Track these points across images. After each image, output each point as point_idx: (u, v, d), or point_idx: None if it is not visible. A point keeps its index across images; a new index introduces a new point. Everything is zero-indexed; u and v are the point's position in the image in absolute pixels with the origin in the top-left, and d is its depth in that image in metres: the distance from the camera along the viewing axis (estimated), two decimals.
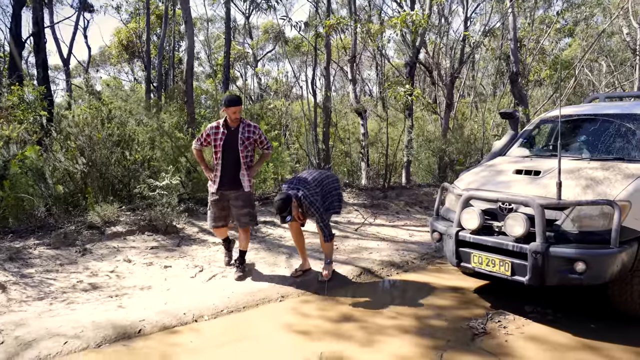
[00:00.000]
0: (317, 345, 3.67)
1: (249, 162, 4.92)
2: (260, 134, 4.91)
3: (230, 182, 4.88)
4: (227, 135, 4.83)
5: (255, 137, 4.89)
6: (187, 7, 9.81)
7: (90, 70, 26.81)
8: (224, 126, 4.85)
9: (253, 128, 4.88)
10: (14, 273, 4.89)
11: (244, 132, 4.82)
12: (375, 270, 5.40)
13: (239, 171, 4.86)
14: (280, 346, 3.68)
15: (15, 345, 3.51)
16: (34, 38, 11.71)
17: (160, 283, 4.87)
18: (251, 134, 4.86)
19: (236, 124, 4.86)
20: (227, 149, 4.83)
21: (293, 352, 3.58)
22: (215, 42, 29.67)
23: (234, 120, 4.83)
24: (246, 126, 4.86)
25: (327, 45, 11.00)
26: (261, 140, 4.94)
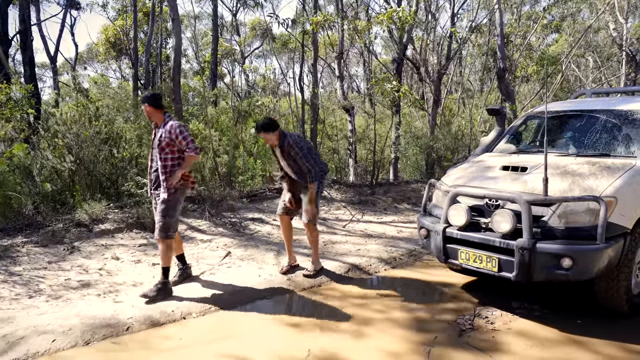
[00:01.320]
0: (306, 339, 3.70)
1: (170, 165, 4.41)
2: (177, 134, 4.35)
3: (155, 185, 4.59)
4: (155, 135, 4.53)
5: (172, 137, 4.35)
6: (174, 4, 9.73)
7: (78, 68, 26.49)
8: (154, 125, 4.59)
9: (169, 127, 4.38)
10: (2, 271, 4.86)
11: (161, 133, 4.40)
12: (363, 266, 5.44)
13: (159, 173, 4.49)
14: (269, 341, 3.70)
15: (3, 343, 3.50)
16: (21, 36, 11.57)
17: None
18: (167, 135, 4.36)
19: (159, 123, 4.50)
20: (154, 150, 4.51)
21: (283, 346, 3.61)
22: (202, 39, 29.51)
23: (150, 118, 4.57)
24: (164, 125, 4.43)
25: (314, 42, 11.02)
26: (179, 140, 4.36)
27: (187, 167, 4.46)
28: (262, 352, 3.52)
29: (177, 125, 4.40)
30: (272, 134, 4.85)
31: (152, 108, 4.44)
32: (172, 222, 4.44)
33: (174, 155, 4.42)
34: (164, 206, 4.41)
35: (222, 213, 7.39)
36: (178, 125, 4.41)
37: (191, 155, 4.41)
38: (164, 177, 4.40)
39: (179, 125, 4.41)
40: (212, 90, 15.70)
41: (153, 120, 4.54)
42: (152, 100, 4.46)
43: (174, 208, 4.45)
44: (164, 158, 4.41)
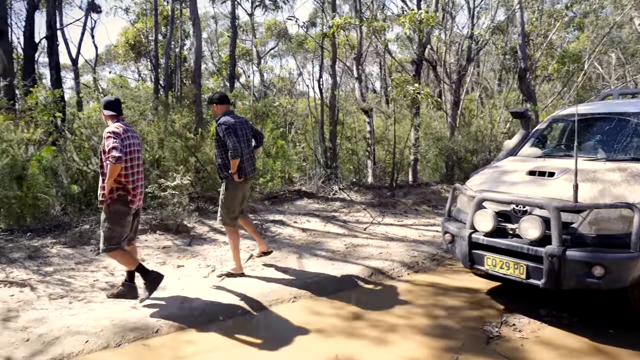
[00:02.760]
0: (330, 345, 3.72)
1: (105, 173, 4.07)
2: (105, 142, 4.01)
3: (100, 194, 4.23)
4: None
5: (103, 143, 4.06)
6: (194, 8, 9.85)
7: (98, 69, 26.87)
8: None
9: (104, 133, 4.09)
10: (34, 271, 4.98)
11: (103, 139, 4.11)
12: (386, 270, 5.45)
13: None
14: (294, 346, 3.73)
15: (40, 343, 3.59)
16: (48, 41, 11.82)
17: (174, 283, 4.93)
18: (103, 141, 4.09)
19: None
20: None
21: (307, 351, 3.63)
22: (218, 39, 29.68)
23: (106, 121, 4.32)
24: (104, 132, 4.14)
25: (334, 44, 11.03)
26: (105, 148, 4.01)
27: (110, 178, 4.00)
28: (289, 355, 3.55)
29: (109, 130, 4.06)
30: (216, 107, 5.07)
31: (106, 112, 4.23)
32: (112, 235, 4.15)
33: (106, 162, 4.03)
34: (103, 214, 4.18)
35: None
36: (110, 130, 4.05)
37: (109, 165, 3.95)
38: (102, 186, 4.11)
39: (110, 130, 4.05)
40: (230, 91, 15.80)
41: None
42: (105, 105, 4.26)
43: (112, 221, 4.14)
44: (101, 165, 4.11)
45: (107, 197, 4.09)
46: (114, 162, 3.90)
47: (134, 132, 4.36)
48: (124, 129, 4.12)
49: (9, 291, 4.51)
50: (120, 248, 4.23)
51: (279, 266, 5.49)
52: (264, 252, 5.51)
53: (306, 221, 7.58)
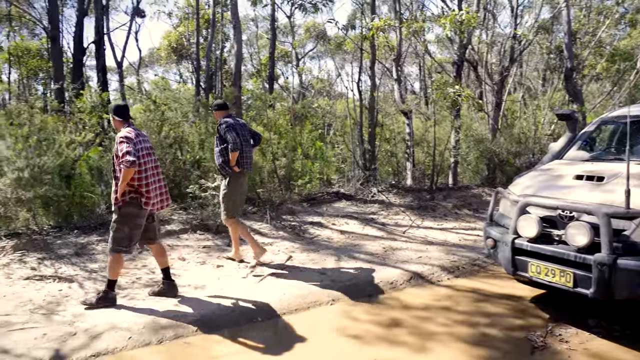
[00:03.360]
0: (368, 350, 3.68)
1: (119, 177, 4.14)
2: (118, 147, 4.08)
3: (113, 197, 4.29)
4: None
5: (117, 146, 4.11)
6: (235, 11, 9.98)
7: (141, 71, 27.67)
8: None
9: (117, 138, 4.15)
10: (81, 267, 5.16)
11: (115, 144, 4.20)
12: (425, 275, 5.36)
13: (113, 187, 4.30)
14: (332, 350, 3.71)
15: (86, 337, 3.71)
16: (95, 45, 12.27)
17: (213, 282, 5.00)
18: (115, 146, 4.16)
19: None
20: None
21: (344, 357, 3.61)
22: (258, 41, 30.04)
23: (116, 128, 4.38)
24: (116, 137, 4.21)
25: (373, 46, 10.96)
26: (118, 153, 4.08)
27: (123, 182, 4.07)
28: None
29: (121, 135, 4.11)
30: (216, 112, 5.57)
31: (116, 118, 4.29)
32: (121, 237, 4.21)
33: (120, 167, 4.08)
34: (115, 217, 4.24)
35: (282, 216, 7.50)
36: (122, 135, 4.10)
37: (125, 170, 3.99)
38: (115, 190, 4.20)
39: (123, 135, 4.10)
40: (270, 93, 15.97)
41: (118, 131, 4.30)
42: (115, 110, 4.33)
43: (122, 223, 4.21)
44: (115, 169, 4.20)
45: (120, 199, 4.15)
46: (129, 166, 3.95)
47: (145, 137, 4.40)
48: (135, 134, 4.18)
49: (57, 286, 4.68)
50: (124, 252, 4.31)
51: (317, 268, 5.49)
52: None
53: (344, 223, 7.56)
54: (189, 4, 20.34)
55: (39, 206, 6.07)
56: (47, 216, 6.26)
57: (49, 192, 5.93)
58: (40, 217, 6.07)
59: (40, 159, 5.76)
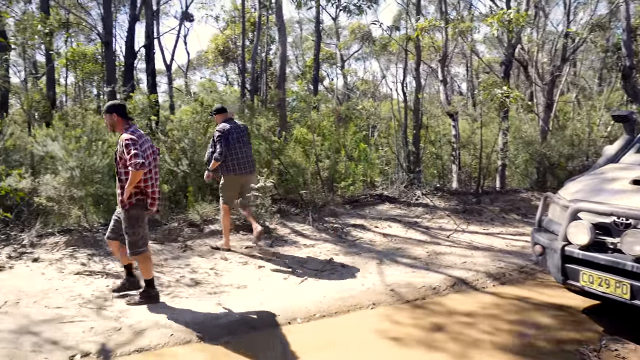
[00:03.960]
0: (409, 354, 3.60)
1: (124, 180, 4.17)
2: (124, 149, 4.07)
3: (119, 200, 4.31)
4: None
5: (123, 150, 4.09)
6: (280, 15, 10.08)
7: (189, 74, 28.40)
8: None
9: (121, 141, 4.12)
10: None
11: (117, 146, 4.20)
12: (470, 280, 5.21)
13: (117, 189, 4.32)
14: (373, 354, 3.65)
15: (130, 333, 3.81)
16: (146, 49, 12.70)
17: (255, 283, 5.03)
18: (119, 148, 4.15)
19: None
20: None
21: None
22: (303, 43, 30.22)
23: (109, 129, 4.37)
24: (121, 139, 4.17)
25: (418, 47, 10.80)
26: (125, 156, 4.08)
27: (131, 184, 4.10)
28: None
29: (127, 137, 4.10)
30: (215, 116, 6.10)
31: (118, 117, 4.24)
32: (137, 239, 4.24)
33: (126, 169, 4.12)
34: (126, 219, 4.23)
35: (324, 218, 7.49)
36: (127, 137, 4.10)
37: (132, 172, 4.02)
38: (120, 192, 4.22)
39: (128, 138, 4.09)
40: (314, 94, 16.03)
41: (116, 131, 4.31)
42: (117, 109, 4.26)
43: (134, 225, 4.23)
44: (119, 172, 4.22)
45: (127, 202, 4.16)
46: (138, 168, 3.97)
47: (146, 136, 4.41)
48: (138, 135, 4.19)
49: (105, 282, 4.84)
50: (147, 251, 4.34)
51: (359, 271, 5.44)
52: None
53: (387, 226, 7.47)
54: (236, 7, 20.74)
55: (89, 204, 6.30)
56: (97, 214, 6.49)
57: (99, 191, 6.15)
58: (90, 215, 6.30)
59: (90, 159, 5.98)
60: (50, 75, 13.24)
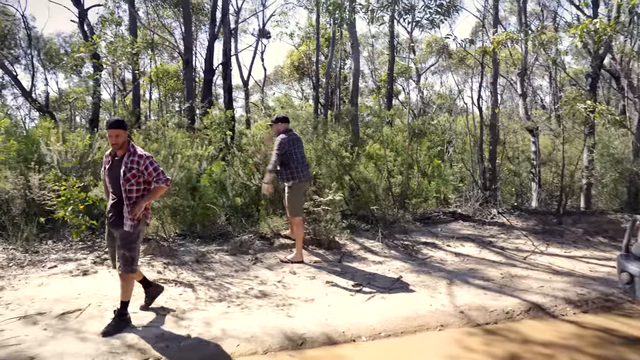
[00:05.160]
0: None
1: (135, 197, 4.13)
2: (147, 165, 4.09)
3: (115, 218, 4.20)
4: (113, 164, 4.19)
5: (141, 168, 4.08)
6: (353, 31, 10.17)
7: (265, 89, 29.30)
8: (111, 154, 4.23)
9: (138, 158, 4.10)
10: (200, 274, 5.52)
11: (127, 163, 4.09)
12: (547, 307, 4.90)
13: (123, 207, 4.16)
14: None
15: (199, 341, 3.94)
16: (223, 67, 13.30)
17: (321, 297, 5.03)
18: (134, 165, 4.08)
19: (121, 152, 4.14)
20: (112, 180, 4.18)
21: None
22: (378, 58, 30.23)
23: (116, 146, 4.13)
24: (131, 155, 4.11)
25: (495, 61, 10.44)
26: (149, 172, 4.10)
27: (153, 198, 4.23)
28: None
29: (146, 154, 4.15)
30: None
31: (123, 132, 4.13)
32: (135, 255, 4.18)
33: (137, 187, 4.13)
34: (127, 239, 4.12)
35: (394, 235, 7.38)
36: (146, 154, 4.16)
37: (160, 187, 4.16)
38: (130, 209, 4.11)
39: (147, 154, 4.15)
40: (388, 109, 15.96)
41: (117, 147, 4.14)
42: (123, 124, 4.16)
43: (136, 241, 4.17)
44: (129, 190, 4.11)
45: (136, 218, 4.12)
46: (169, 183, 4.20)
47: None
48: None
49: (178, 290, 5.05)
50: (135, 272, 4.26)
51: (427, 291, 5.29)
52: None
53: (460, 245, 7.22)
54: (311, 24, 21.20)
55: (167, 215, 6.63)
56: (174, 225, 6.81)
57: (176, 203, 6.46)
58: (167, 225, 6.62)
59: (167, 171, 6.30)
60: (136, 92, 14.19)
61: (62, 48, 24.31)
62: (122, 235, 4.12)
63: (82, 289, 4.87)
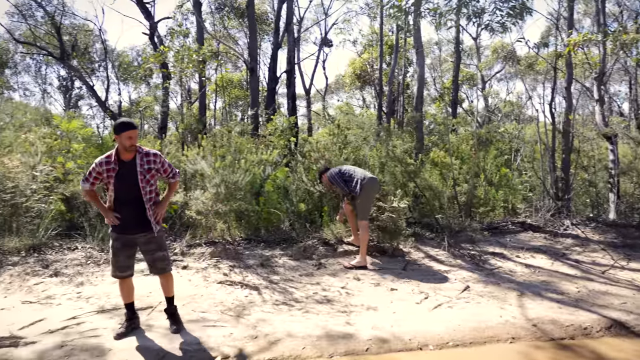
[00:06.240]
0: None
1: (153, 197, 4.06)
2: (162, 162, 4.07)
3: (136, 224, 4.00)
4: (121, 169, 3.95)
5: (157, 166, 4.03)
6: (418, 36, 10.04)
7: (326, 97, 29.54)
8: (115, 159, 3.96)
9: (152, 157, 4.03)
10: (264, 278, 5.60)
11: (142, 164, 3.97)
12: (631, 324, 4.55)
13: (144, 211, 4.00)
14: None
15: (265, 342, 4.00)
16: (287, 74, 13.54)
17: (386, 305, 4.95)
18: (152, 164, 4.01)
19: (131, 155, 3.96)
20: (124, 186, 3.96)
21: None
22: (442, 65, 29.73)
23: (130, 148, 3.92)
24: (144, 156, 4.00)
25: (569, 64, 9.94)
26: (164, 168, 4.08)
27: (172, 194, 4.29)
28: None
29: (155, 152, 4.11)
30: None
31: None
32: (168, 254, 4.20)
33: (155, 186, 4.09)
34: (161, 240, 4.10)
35: (460, 244, 7.17)
36: (156, 152, 4.12)
37: (176, 182, 4.24)
38: (155, 211, 4.05)
39: (156, 152, 4.10)
40: (453, 117, 15.62)
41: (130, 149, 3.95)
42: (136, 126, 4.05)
43: (165, 240, 4.18)
44: (150, 191, 4.03)
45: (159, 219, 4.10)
46: (178, 178, 4.26)
47: None
48: None
49: (244, 292, 5.14)
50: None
51: (497, 302, 5.08)
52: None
53: (530, 257, 6.90)
54: (374, 31, 21.18)
55: (232, 219, 6.79)
56: (239, 229, 6.96)
57: (241, 207, 6.60)
58: (233, 229, 6.77)
59: (233, 176, 6.46)
60: (202, 101, 14.70)
61: (135, 60, 25.72)
62: (150, 238, 4.04)
63: (152, 288, 5.05)
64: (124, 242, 4.03)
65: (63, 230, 6.62)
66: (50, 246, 6.17)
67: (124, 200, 3.98)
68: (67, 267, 5.61)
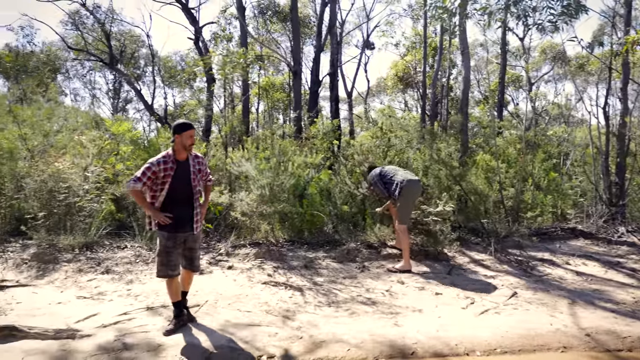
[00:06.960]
0: None
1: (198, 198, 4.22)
2: (205, 164, 4.27)
3: (186, 223, 4.12)
4: (177, 169, 4.05)
5: (203, 168, 4.22)
6: (464, 37, 9.87)
7: (368, 100, 29.43)
8: (171, 159, 4.06)
9: (201, 159, 4.25)
10: (308, 279, 5.63)
11: (194, 164, 4.15)
12: None
13: (194, 210, 4.14)
14: None
15: (310, 343, 4.02)
16: (330, 77, 13.58)
17: (431, 309, 4.89)
18: (202, 166, 4.23)
19: (185, 155, 4.11)
20: (178, 185, 4.05)
21: None
22: (487, 66, 29.08)
23: (192, 147, 4.10)
24: (194, 157, 4.17)
25: (625, 64, 9.53)
26: (206, 171, 4.28)
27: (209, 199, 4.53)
28: None
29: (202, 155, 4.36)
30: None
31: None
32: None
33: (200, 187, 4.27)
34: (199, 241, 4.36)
35: (507, 249, 6.99)
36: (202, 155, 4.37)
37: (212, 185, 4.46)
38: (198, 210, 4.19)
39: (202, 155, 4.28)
40: (499, 120, 15.26)
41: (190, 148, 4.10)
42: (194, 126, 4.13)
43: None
44: (199, 190, 4.23)
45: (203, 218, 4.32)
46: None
47: None
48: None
49: (288, 293, 5.18)
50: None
51: (546, 309, 4.92)
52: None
53: (581, 264, 6.65)
54: (417, 33, 20.96)
55: (276, 221, 6.86)
56: (283, 230, 7.03)
57: (285, 209, 6.66)
58: (277, 231, 6.84)
59: (278, 178, 6.53)
60: (245, 104, 14.92)
61: (178, 64, 26.38)
62: (196, 237, 4.24)
63: (199, 287, 5.17)
64: (176, 241, 4.09)
65: (113, 229, 6.86)
66: (101, 244, 6.41)
67: (178, 200, 4.07)
68: (118, 265, 5.81)
